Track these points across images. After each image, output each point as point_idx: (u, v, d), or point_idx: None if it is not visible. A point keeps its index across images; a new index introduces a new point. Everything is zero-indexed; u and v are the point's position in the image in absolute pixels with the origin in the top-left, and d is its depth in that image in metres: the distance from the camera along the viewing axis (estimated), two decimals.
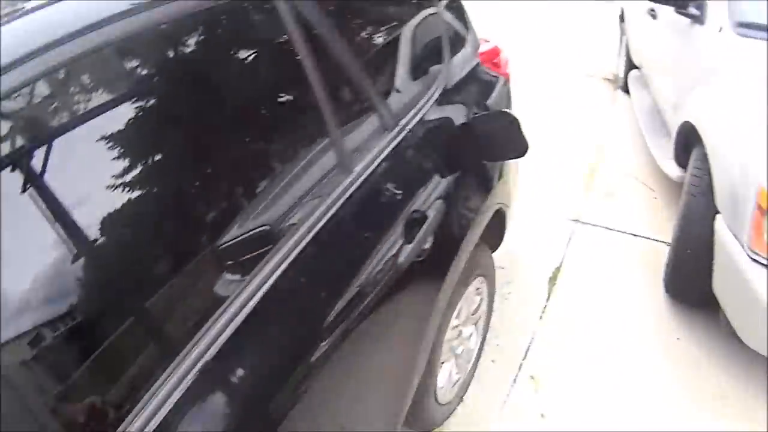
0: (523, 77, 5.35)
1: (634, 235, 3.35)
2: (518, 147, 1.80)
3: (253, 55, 1.30)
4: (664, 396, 2.41)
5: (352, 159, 1.46)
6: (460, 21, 2.32)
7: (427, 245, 1.59)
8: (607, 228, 3.43)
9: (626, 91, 4.86)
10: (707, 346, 2.61)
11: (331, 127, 1.39)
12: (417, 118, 1.76)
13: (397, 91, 1.77)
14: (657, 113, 3.90)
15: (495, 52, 2.50)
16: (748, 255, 2.14)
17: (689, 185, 2.61)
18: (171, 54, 1.12)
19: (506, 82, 2.49)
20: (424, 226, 1.56)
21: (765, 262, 2.09)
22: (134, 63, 1.05)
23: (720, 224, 2.32)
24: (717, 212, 2.36)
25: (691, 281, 2.63)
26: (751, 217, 2.12)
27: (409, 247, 1.50)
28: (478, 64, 2.30)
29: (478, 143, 1.88)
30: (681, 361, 2.57)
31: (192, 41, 1.15)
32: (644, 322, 2.77)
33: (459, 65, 2.17)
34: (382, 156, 1.56)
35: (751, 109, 2.43)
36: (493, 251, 2.50)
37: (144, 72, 1.06)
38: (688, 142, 2.85)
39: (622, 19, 5.49)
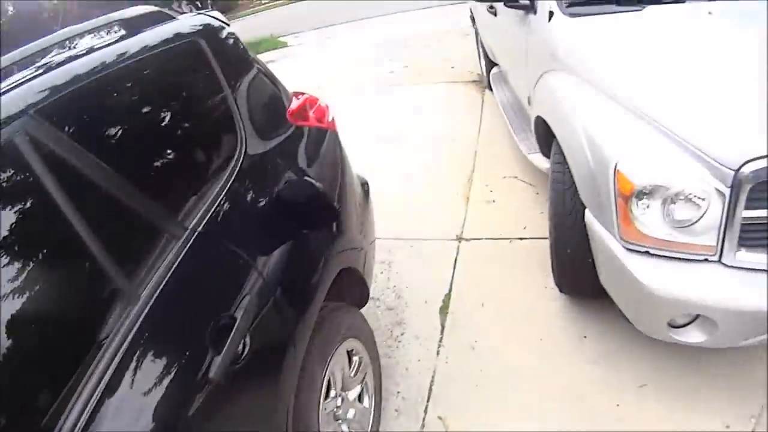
0: (387, 101, 5.31)
1: (521, 238, 3.23)
2: (327, 214, 1.65)
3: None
4: (584, 398, 2.27)
5: (137, 285, 1.31)
6: (270, 84, 2.12)
7: (244, 346, 1.43)
8: (492, 239, 3.30)
9: (492, 89, 4.83)
10: (614, 338, 2.50)
11: (102, 258, 1.24)
12: (211, 213, 1.58)
13: (185, 193, 1.58)
14: (520, 107, 3.85)
15: (312, 104, 2.26)
16: (622, 246, 2.03)
17: (552, 182, 2.50)
18: None
19: (331, 132, 2.29)
20: (234, 329, 1.40)
21: (641, 249, 1.99)
22: None
23: (590, 218, 2.20)
24: (584, 206, 2.24)
25: (578, 278, 2.51)
26: (615, 206, 2.01)
27: (218, 359, 1.33)
28: (291, 127, 2.09)
29: (290, 215, 1.72)
30: (593, 359, 2.44)
31: None
32: (547, 328, 2.63)
33: (262, 137, 1.96)
34: (173, 269, 1.39)
35: (593, 89, 2.34)
36: (362, 306, 2.32)
37: None
38: (546, 135, 2.76)
39: (473, 20, 5.50)
